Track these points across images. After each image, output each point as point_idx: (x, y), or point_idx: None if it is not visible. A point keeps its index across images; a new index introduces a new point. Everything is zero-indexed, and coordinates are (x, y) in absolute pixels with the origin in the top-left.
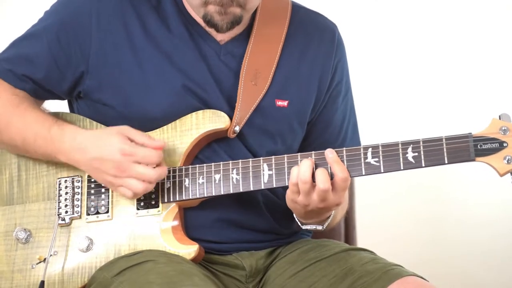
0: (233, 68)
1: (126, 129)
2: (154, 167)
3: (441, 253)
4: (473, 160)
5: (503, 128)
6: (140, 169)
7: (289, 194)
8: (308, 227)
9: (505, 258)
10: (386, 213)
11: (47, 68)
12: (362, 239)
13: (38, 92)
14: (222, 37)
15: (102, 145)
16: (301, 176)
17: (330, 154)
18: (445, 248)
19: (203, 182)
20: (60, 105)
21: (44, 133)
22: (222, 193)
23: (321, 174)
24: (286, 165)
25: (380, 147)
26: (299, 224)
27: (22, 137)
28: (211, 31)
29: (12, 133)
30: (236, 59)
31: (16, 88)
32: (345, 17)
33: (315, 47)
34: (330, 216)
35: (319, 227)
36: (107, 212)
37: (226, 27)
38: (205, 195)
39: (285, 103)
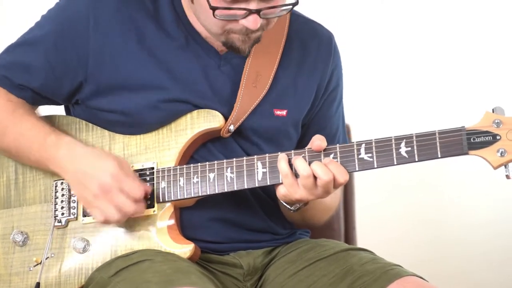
0: (232, 76)
1: (122, 160)
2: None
3: (440, 253)
4: (466, 153)
5: (496, 121)
6: (121, 198)
7: (291, 192)
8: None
9: (505, 258)
10: (386, 213)
11: (44, 76)
12: (362, 239)
13: (36, 99)
14: (223, 48)
15: (96, 163)
16: (303, 172)
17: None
18: (444, 248)
19: (197, 181)
20: (57, 109)
21: (40, 140)
22: (216, 191)
23: (319, 167)
24: None
25: (373, 143)
26: (289, 208)
27: (16, 144)
28: (213, 42)
29: (7, 140)
30: (235, 69)
31: (11, 94)
32: (346, 15)
33: (313, 55)
34: None
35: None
36: None
37: (248, 50)
38: (200, 194)
39: (283, 112)
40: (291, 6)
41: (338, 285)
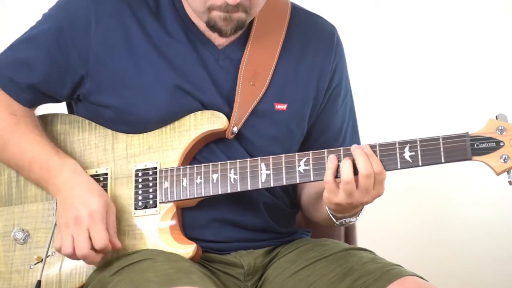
0: (231, 72)
1: (112, 208)
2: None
3: (440, 253)
4: (470, 159)
5: (500, 128)
6: (82, 238)
7: (331, 196)
8: (343, 221)
9: (504, 258)
10: (386, 213)
11: (46, 71)
12: (362, 239)
13: (39, 99)
14: (220, 42)
15: (85, 195)
16: (344, 177)
17: (365, 149)
18: (444, 248)
19: (201, 182)
20: (58, 106)
21: (41, 160)
22: (219, 192)
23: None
24: (283, 164)
25: (378, 147)
26: (334, 221)
27: (16, 161)
28: (210, 36)
29: (8, 155)
30: (234, 64)
31: (15, 103)
32: (344, 18)
33: (314, 49)
34: (363, 207)
35: (353, 219)
36: None
37: (230, 32)
38: (203, 195)
39: (284, 107)
40: None
41: (338, 285)
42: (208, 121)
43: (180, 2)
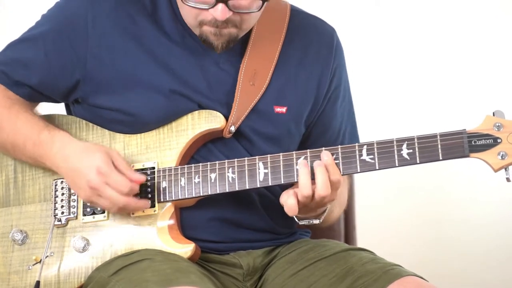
0: (231, 74)
1: (113, 153)
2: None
3: (441, 253)
4: (468, 156)
5: (497, 125)
6: (109, 192)
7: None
8: (305, 222)
9: (505, 258)
10: (386, 213)
11: (42, 73)
12: (362, 239)
13: (34, 96)
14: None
15: (84, 157)
16: (320, 192)
17: (325, 157)
18: (445, 248)
19: (199, 181)
20: (57, 107)
21: (34, 137)
22: (218, 192)
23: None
24: (281, 163)
25: (375, 144)
26: (296, 220)
27: (12, 140)
28: None
29: (3, 136)
30: (234, 65)
31: (10, 91)
32: (345, 16)
33: (313, 51)
34: (326, 209)
35: (316, 221)
36: (103, 212)
37: (222, 47)
38: (201, 194)
39: (283, 110)
40: (261, 2)
41: (338, 285)
42: (205, 121)
43: (178, 6)
